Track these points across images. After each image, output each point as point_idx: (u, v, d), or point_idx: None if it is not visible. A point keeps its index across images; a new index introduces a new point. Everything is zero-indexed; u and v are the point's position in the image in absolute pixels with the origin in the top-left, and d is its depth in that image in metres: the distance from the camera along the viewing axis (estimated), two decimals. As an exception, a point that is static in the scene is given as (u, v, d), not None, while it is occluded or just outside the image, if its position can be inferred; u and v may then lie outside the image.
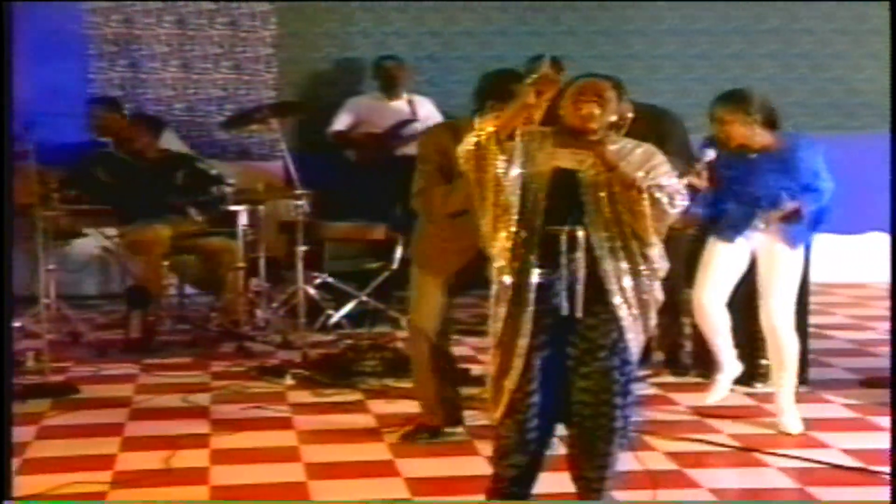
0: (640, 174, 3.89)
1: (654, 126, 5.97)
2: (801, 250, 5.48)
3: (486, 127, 3.87)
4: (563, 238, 3.90)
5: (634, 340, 3.94)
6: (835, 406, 5.84)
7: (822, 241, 6.89)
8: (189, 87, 8.71)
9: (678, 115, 6.67)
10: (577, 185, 3.91)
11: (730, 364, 5.65)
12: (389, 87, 8.38)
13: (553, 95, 3.83)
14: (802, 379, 6.07)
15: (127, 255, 7.44)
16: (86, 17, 8.55)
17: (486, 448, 4.29)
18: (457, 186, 4.89)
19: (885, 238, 7.25)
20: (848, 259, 8.97)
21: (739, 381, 6.11)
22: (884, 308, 6.94)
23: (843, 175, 8.50)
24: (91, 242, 7.92)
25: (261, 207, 7.45)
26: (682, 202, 3.95)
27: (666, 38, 9.04)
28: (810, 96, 9.17)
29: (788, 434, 5.34)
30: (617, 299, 3.90)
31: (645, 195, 3.85)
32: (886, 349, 6.39)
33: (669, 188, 3.91)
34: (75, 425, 5.50)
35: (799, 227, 5.38)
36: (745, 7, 9.10)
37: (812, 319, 6.41)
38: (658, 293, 3.99)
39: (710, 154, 5.37)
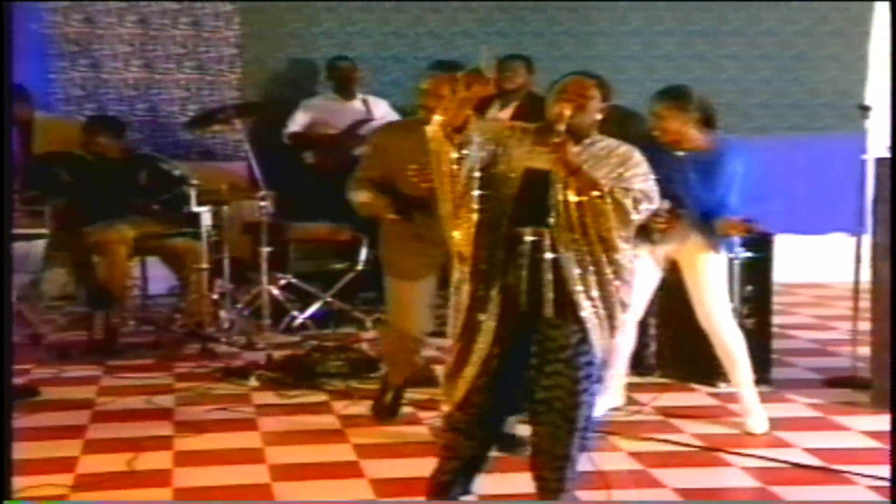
0: (613, 175, 3.88)
1: (622, 127, 5.99)
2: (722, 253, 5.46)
3: (437, 121, 3.86)
4: (528, 238, 3.90)
5: (599, 341, 3.94)
6: (797, 405, 5.88)
7: (785, 242, 6.96)
8: (152, 88, 8.65)
9: (643, 116, 6.68)
10: (549, 186, 3.91)
11: (613, 390, 5.49)
12: (343, 88, 8.34)
13: (487, 91, 3.79)
14: (765, 379, 6.11)
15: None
16: (46, 17, 8.48)
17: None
18: (378, 201, 4.95)
19: (847, 239, 7.30)
20: (811, 259, 9.04)
21: (702, 381, 6.15)
22: (846, 308, 6.99)
23: (806, 176, 8.63)
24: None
25: (225, 208, 7.40)
26: (647, 206, 3.94)
27: (630, 39, 9.06)
28: (773, 97, 9.22)
29: (752, 434, 5.37)
30: (581, 301, 3.90)
31: (608, 198, 3.85)
32: (849, 349, 6.44)
33: (636, 192, 3.89)
34: (36, 428, 5.45)
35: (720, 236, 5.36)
36: (708, 8, 9.14)
37: (775, 319, 6.45)
38: (625, 296, 3.99)
39: (666, 204, 5.34)
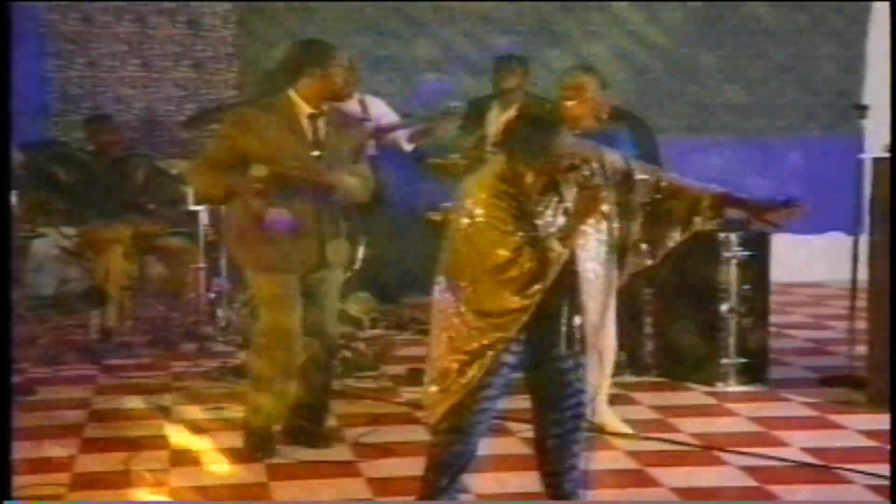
0: None
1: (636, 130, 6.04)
2: None
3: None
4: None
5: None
6: (794, 404, 5.88)
7: (782, 241, 6.97)
8: (149, 86, 8.64)
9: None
10: None
11: None
12: None
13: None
14: (762, 378, 6.12)
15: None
16: (43, 15, 8.47)
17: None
18: (224, 179, 4.67)
19: (844, 238, 7.31)
20: (807, 259, 9.04)
21: (699, 380, 6.16)
22: (842, 307, 6.99)
23: (803, 175, 8.64)
24: (49, 242, 7.84)
25: (222, 207, 7.39)
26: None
27: (622, 38, 9.06)
28: (771, 98, 9.22)
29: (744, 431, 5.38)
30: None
31: None
32: (845, 348, 6.44)
33: None
34: (33, 427, 5.44)
35: None
36: (706, 7, 9.14)
37: (772, 318, 6.45)
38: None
39: None
